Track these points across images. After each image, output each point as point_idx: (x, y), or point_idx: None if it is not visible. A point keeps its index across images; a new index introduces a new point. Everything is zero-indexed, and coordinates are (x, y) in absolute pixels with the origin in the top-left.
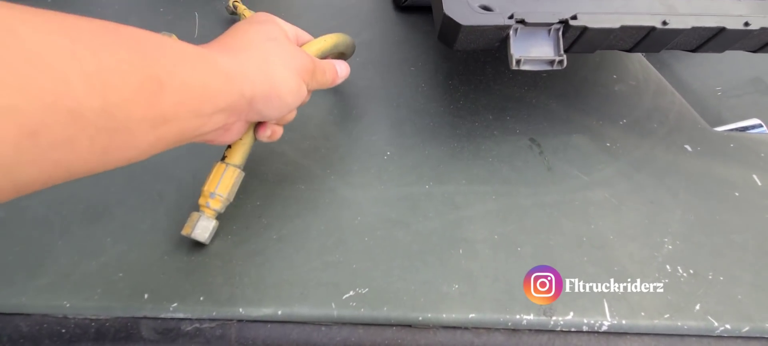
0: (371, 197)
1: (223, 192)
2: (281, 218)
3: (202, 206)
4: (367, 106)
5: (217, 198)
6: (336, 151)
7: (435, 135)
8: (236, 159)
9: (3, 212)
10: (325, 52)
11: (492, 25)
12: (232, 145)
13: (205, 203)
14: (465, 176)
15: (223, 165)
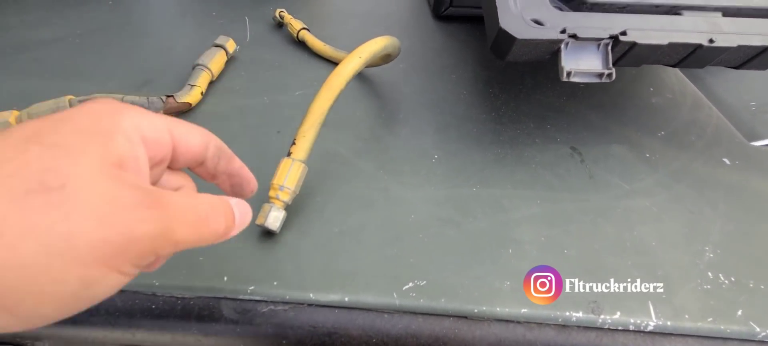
0: (422, 196)
1: (290, 185)
2: (341, 214)
3: (272, 198)
4: (413, 110)
5: (286, 190)
6: (387, 153)
7: (479, 141)
8: (301, 154)
9: None
10: (376, 53)
11: (545, 39)
12: (297, 141)
13: (275, 195)
14: (510, 180)
15: (289, 160)
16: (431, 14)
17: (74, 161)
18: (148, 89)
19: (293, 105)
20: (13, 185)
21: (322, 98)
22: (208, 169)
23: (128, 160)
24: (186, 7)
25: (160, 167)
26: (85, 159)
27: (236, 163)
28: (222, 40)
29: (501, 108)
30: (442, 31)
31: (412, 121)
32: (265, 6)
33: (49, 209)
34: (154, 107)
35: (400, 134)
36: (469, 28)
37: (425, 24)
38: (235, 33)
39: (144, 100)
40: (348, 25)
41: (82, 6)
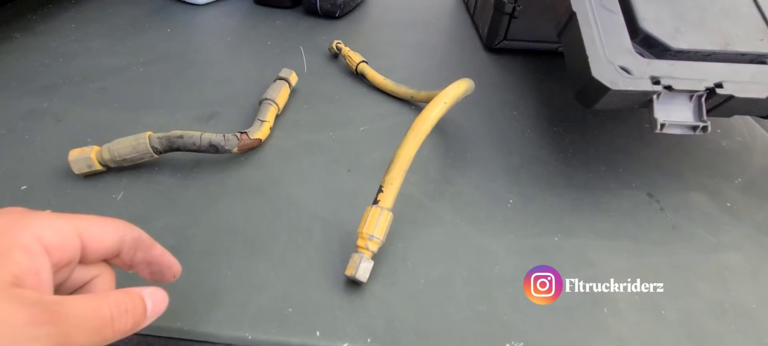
0: (505, 246)
1: (380, 234)
2: (424, 263)
3: (361, 248)
4: (479, 150)
5: (375, 240)
6: (460, 197)
7: (552, 185)
8: (388, 203)
9: (173, 239)
10: (458, 98)
11: (638, 90)
12: (385, 188)
13: (364, 245)
14: (591, 230)
15: (377, 209)
16: (482, 46)
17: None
18: (215, 122)
19: (359, 142)
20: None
21: (408, 145)
22: (124, 261)
23: (26, 276)
24: (241, 35)
25: (69, 267)
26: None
27: (157, 251)
28: (285, 73)
29: (568, 149)
30: (496, 64)
31: (480, 162)
32: (318, 35)
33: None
34: (230, 144)
35: (471, 176)
36: (523, 61)
37: (477, 56)
38: (290, 63)
39: (220, 138)
40: (399, 57)
41: (141, 34)
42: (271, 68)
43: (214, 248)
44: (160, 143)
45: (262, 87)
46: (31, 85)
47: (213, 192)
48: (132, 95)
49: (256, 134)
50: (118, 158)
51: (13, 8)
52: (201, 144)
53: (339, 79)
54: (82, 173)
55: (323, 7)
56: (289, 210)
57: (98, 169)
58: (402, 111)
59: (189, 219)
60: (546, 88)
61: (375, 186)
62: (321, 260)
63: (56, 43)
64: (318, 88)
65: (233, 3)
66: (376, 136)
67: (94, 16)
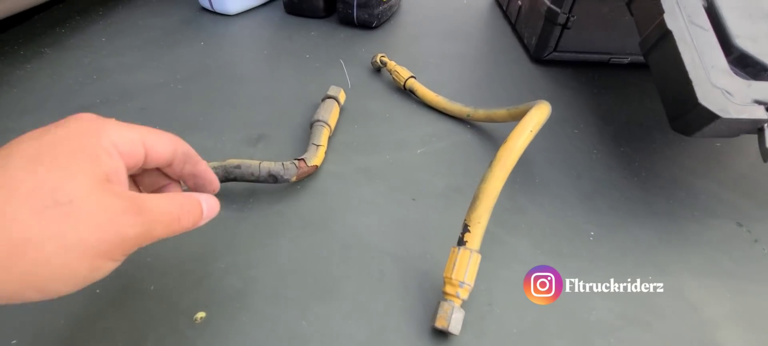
0: (596, 288)
1: (470, 281)
2: (513, 309)
3: (450, 295)
4: (546, 173)
5: (466, 288)
6: (537, 228)
7: (632, 213)
8: (476, 243)
9: (239, 282)
10: (542, 124)
11: (750, 119)
12: (471, 228)
13: (455, 292)
14: (685, 266)
15: (466, 251)
16: (528, 57)
17: (75, 181)
18: (264, 145)
19: (418, 166)
20: (32, 203)
21: (495, 179)
22: (175, 170)
23: (112, 174)
24: (278, 47)
25: (134, 169)
26: (82, 178)
27: (202, 166)
28: (334, 92)
29: (640, 172)
30: (546, 76)
31: (550, 187)
32: (356, 47)
33: (63, 220)
34: (289, 173)
35: (544, 204)
36: (573, 73)
37: (525, 68)
38: (331, 77)
39: (279, 167)
40: (444, 70)
41: (175, 48)
42: (313, 83)
43: (283, 291)
44: (216, 173)
45: (307, 104)
46: (68, 105)
47: (272, 226)
48: (174, 115)
49: (313, 161)
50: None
51: (40, 22)
52: (260, 174)
53: (385, 95)
54: None
55: (360, 17)
56: (357, 246)
57: None
58: (458, 130)
59: (251, 257)
60: (603, 103)
61: (442, 217)
62: (400, 305)
63: (89, 59)
64: (365, 105)
65: (264, 13)
66: (435, 160)
67: (124, 28)
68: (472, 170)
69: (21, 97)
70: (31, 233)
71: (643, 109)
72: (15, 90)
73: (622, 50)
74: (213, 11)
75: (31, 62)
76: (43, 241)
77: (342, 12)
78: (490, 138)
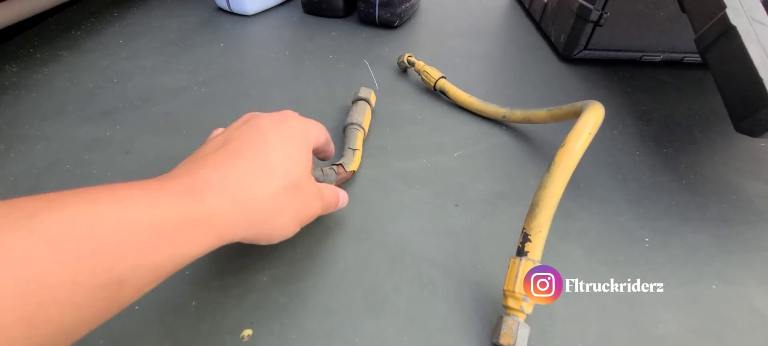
0: (659, 297)
1: None
2: (575, 321)
3: (513, 309)
4: (591, 176)
5: (530, 302)
6: (588, 234)
7: (685, 218)
8: (538, 254)
9: (284, 297)
10: (599, 125)
11: None
12: (533, 237)
13: (518, 307)
14: (749, 273)
15: (529, 262)
16: (556, 56)
17: (300, 169)
18: None
19: (458, 170)
20: (276, 184)
21: (556, 185)
22: (318, 152)
23: (310, 166)
24: (299, 48)
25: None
26: (303, 167)
27: (331, 149)
28: (365, 93)
29: (687, 174)
30: (576, 75)
31: (597, 190)
32: (379, 47)
33: (294, 199)
34: (329, 179)
35: (593, 209)
36: (604, 72)
37: (554, 67)
38: (357, 78)
39: (319, 173)
40: (471, 70)
41: (194, 49)
42: (339, 85)
43: (332, 304)
44: None
45: (335, 107)
46: (89, 110)
47: (314, 234)
48: (199, 120)
49: (351, 166)
50: None
51: (55, 24)
52: None
53: (415, 96)
54: None
55: (382, 16)
56: (404, 255)
57: None
58: (494, 132)
59: (295, 270)
60: (639, 103)
61: (489, 224)
62: (456, 319)
63: (107, 62)
64: (395, 106)
65: (282, 13)
66: (474, 164)
67: (141, 30)
68: (513, 175)
69: (41, 101)
70: (280, 204)
71: (681, 108)
72: (34, 94)
73: (654, 47)
74: (230, 12)
75: (48, 66)
76: (281, 211)
77: (363, 11)
78: (528, 140)
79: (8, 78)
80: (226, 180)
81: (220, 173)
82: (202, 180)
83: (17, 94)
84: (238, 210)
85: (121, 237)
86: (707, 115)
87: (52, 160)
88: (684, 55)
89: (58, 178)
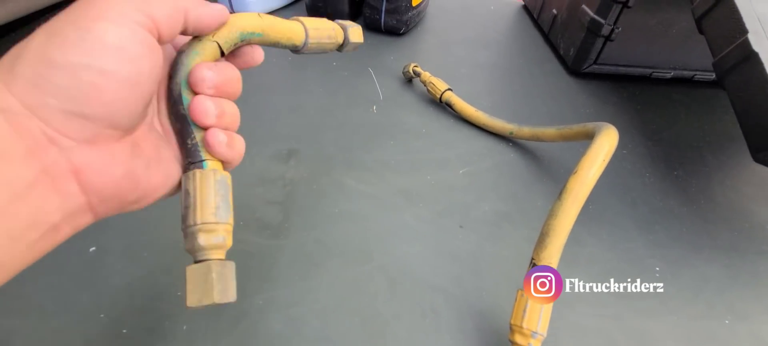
0: (669, 331)
1: (544, 330)
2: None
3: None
4: (600, 199)
5: (539, 338)
6: (597, 262)
7: (696, 246)
8: None
9: (280, 323)
10: (612, 153)
11: None
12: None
13: (527, 344)
14: (762, 307)
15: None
16: (564, 69)
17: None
18: (296, 162)
19: (462, 188)
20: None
21: (567, 215)
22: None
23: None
24: (306, 58)
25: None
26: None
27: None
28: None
29: (699, 199)
30: (584, 90)
31: (606, 215)
32: (383, 55)
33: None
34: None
35: (602, 235)
36: (613, 87)
37: (562, 81)
38: (360, 87)
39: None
40: (477, 82)
41: None
42: (342, 94)
43: (330, 332)
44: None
45: (337, 117)
46: None
47: (311, 256)
48: None
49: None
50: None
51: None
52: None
53: (420, 107)
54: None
55: (388, 23)
56: (404, 280)
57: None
58: (500, 149)
59: (291, 293)
60: (649, 121)
61: (494, 247)
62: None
63: None
64: (398, 118)
65: (285, 16)
66: (479, 182)
67: None
68: (519, 195)
69: None
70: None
71: (691, 128)
72: None
73: (665, 64)
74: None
75: None
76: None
77: (369, 17)
78: (535, 158)
79: None
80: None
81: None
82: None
83: None
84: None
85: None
86: (718, 137)
87: None
88: (695, 73)
89: None
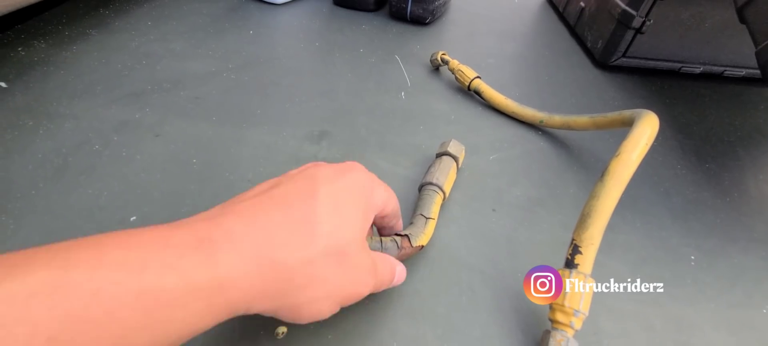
0: (707, 318)
1: (585, 309)
2: (622, 340)
3: (561, 324)
4: (632, 188)
5: (581, 317)
6: (633, 249)
7: (731, 237)
8: (590, 267)
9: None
10: (653, 138)
11: None
12: (584, 250)
13: (568, 322)
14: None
15: (580, 275)
16: (591, 62)
17: (352, 235)
18: (328, 143)
19: (494, 174)
20: (315, 245)
21: (610, 197)
22: (382, 223)
23: (368, 229)
24: (329, 40)
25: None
26: (356, 229)
27: (399, 225)
28: (455, 149)
29: (732, 191)
30: (612, 83)
31: (639, 204)
32: (410, 43)
33: (338, 269)
34: (391, 252)
35: (636, 223)
36: (641, 81)
37: (589, 74)
38: (388, 73)
39: (377, 243)
40: (505, 72)
41: (224, 35)
42: (371, 80)
43: (369, 305)
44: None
45: (366, 102)
46: (117, 91)
47: None
48: (229, 107)
49: (420, 240)
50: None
51: (83, 2)
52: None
53: (448, 95)
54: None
55: (414, 12)
56: (442, 259)
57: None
58: (529, 137)
59: None
60: (679, 116)
61: (528, 231)
62: (497, 329)
63: (136, 43)
64: (427, 104)
65: (312, 3)
66: (510, 168)
67: (170, 12)
68: (550, 181)
69: (68, 80)
70: (316, 272)
71: (722, 123)
72: (62, 72)
73: (695, 59)
74: (260, 0)
75: (76, 43)
76: (316, 282)
77: (395, 6)
78: (566, 147)
79: (37, 54)
80: (252, 233)
81: (246, 224)
82: (221, 229)
83: (45, 71)
84: (258, 274)
85: (94, 315)
86: (750, 132)
87: (80, 139)
88: (724, 69)
89: (87, 158)
